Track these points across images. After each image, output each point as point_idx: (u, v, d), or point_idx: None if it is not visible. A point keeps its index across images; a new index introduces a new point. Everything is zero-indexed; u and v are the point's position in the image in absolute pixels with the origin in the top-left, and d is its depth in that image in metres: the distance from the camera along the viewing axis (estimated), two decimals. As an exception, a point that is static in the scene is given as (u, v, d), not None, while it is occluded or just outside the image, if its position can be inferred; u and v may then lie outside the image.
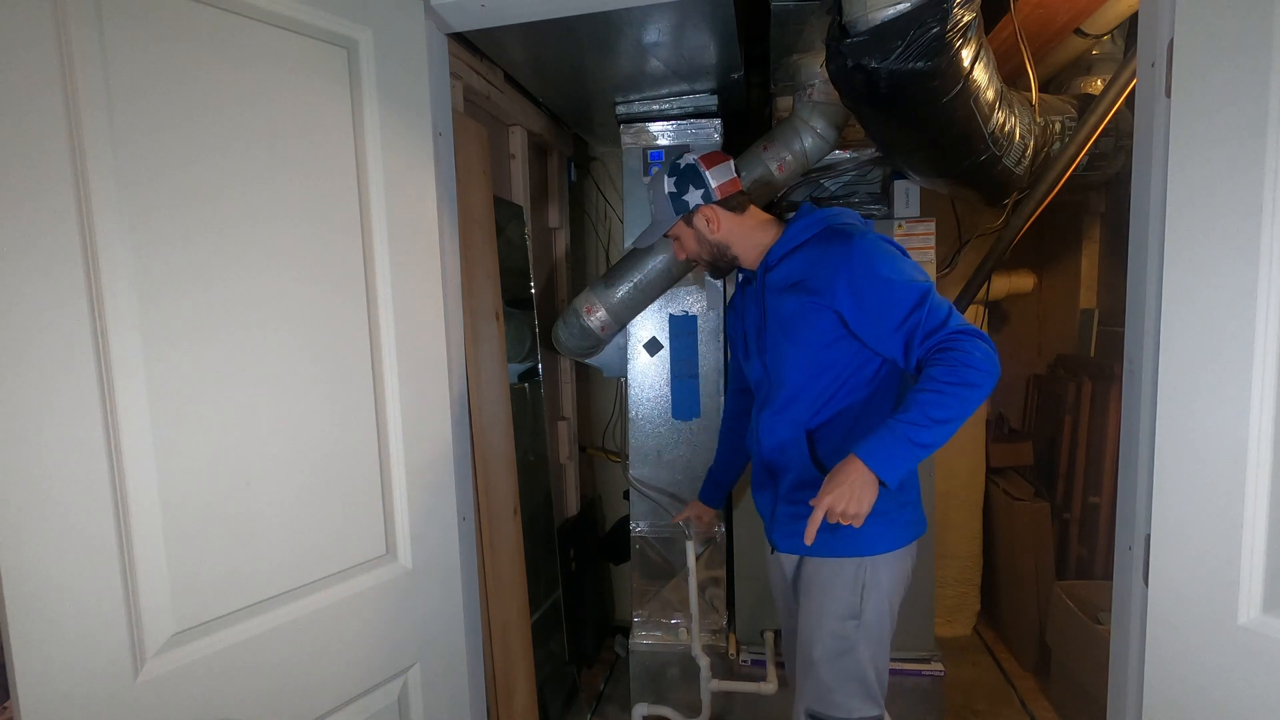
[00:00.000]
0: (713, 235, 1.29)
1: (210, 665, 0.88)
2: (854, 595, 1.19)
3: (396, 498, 1.10)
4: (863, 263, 1.12)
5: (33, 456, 0.73)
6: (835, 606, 1.20)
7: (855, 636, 1.19)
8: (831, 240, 1.17)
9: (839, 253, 1.14)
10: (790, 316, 1.21)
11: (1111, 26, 1.76)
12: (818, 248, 1.19)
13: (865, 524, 1.09)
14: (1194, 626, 0.86)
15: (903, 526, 1.22)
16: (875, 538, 1.18)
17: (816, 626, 1.22)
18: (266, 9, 0.92)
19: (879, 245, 1.14)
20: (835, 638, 1.20)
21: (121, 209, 0.79)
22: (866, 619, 1.19)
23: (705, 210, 1.28)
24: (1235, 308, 0.80)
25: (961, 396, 1.02)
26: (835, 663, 1.20)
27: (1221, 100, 0.80)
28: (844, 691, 1.20)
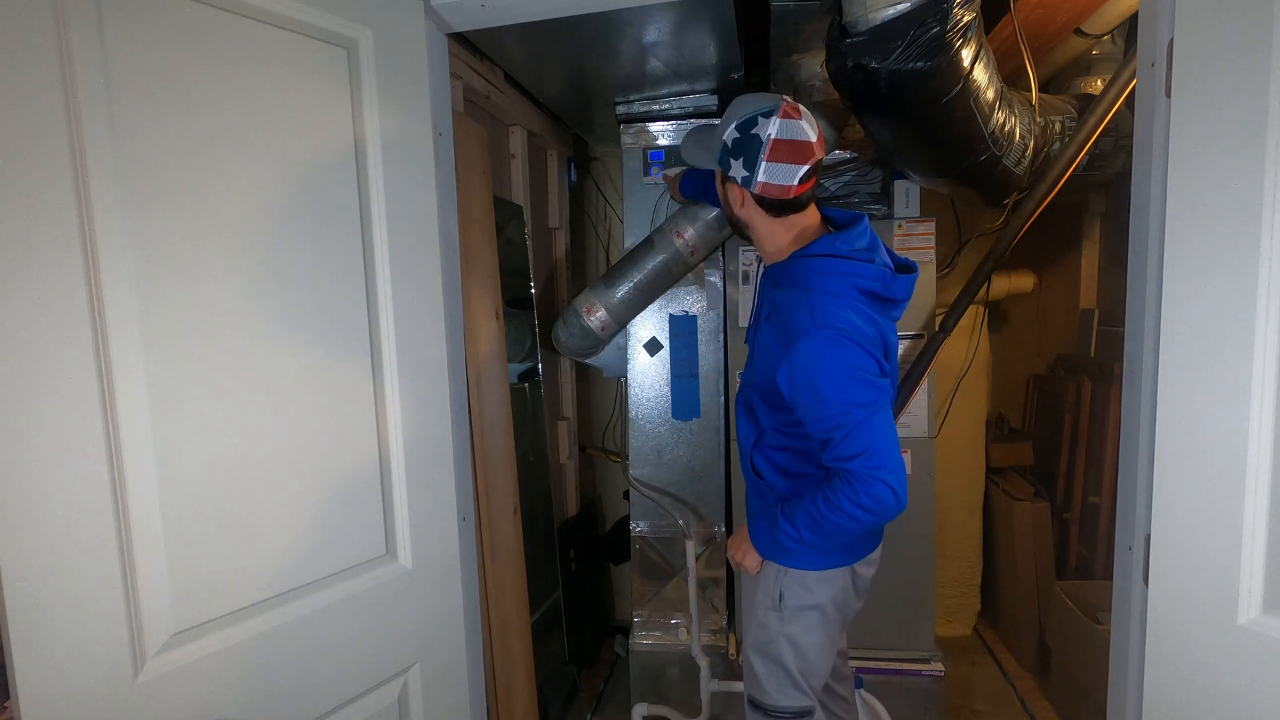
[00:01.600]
0: (737, 211, 1.22)
1: (210, 665, 0.88)
2: (775, 588, 1.27)
3: (396, 498, 1.10)
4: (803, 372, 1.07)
5: (32, 455, 0.73)
6: (761, 596, 1.30)
7: (776, 628, 1.27)
8: (798, 304, 1.10)
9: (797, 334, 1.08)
10: (763, 342, 1.22)
11: (1111, 26, 1.75)
12: (794, 302, 1.12)
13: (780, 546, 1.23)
14: (1194, 627, 0.86)
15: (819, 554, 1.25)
16: (788, 555, 1.25)
17: (748, 616, 1.33)
18: (266, 9, 0.92)
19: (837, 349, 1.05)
20: (760, 626, 1.30)
21: (121, 207, 0.79)
22: (786, 613, 1.26)
23: (735, 189, 1.19)
24: (1235, 307, 0.80)
25: (836, 527, 1.10)
26: (762, 650, 1.30)
27: (1221, 100, 0.80)
28: (770, 680, 1.29)
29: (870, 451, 1.04)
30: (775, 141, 1.11)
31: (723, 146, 1.17)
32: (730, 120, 1.15)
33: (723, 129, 1.17)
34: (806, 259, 1.15)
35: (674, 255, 1.78)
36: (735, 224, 1.27)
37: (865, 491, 1.04)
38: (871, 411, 1.05)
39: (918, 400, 1.96)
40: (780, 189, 1.13)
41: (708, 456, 2.08)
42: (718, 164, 1.20)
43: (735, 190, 1.20)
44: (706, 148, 1.24)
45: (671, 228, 1.78)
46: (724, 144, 1.17)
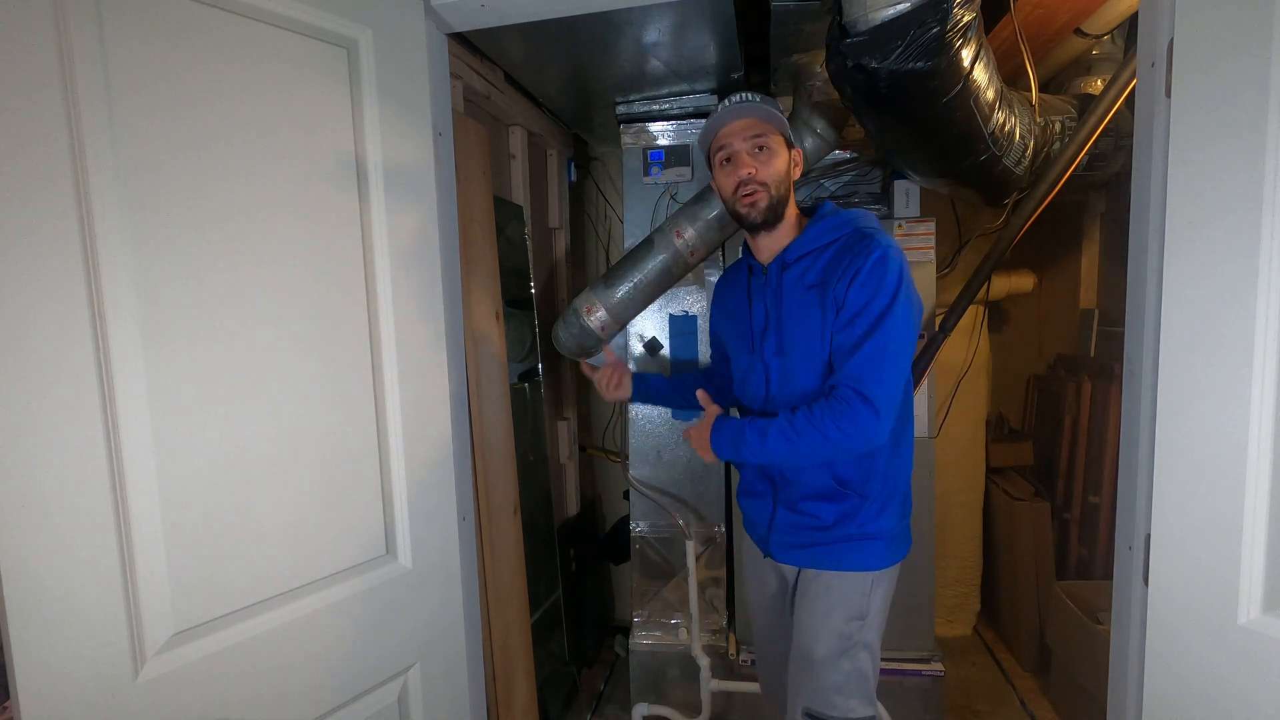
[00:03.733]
0: (790, 179, 1.22)
1: (210, 665, 0.88)
2: (863, 598, 1.21)
3: (396, 497, 1.10)
4: (874, 273, 1.09)
5: (32, 455, 0.73)
6: (843, 608, 1.21)
7: (859, 636, 1.20)
8: (858, 241, 1.14)
9: (863, 254, 1.11)
10: (810, 319, 1.17)
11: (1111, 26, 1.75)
12: (844, 249, 1.15)
13: (877, 544, 1.21)
14: (1194, 627, 0.86)
15: (899, 545, 1.25)
16: (881, 555, 1.21)
17: (821, 626, 1.21)
18: (266, 9, 0.92)
19: (899, 270, 1.10)
20: (840, 637, 1.20)
21: (121, 206, 0.79)
22: (870, 618, 1.21)
23: (798, 154, 1.23)
24: (1235, 307, 0.80)
25: (807, 444, 1.09)
26: (838, 662, 1.20)
27: (1221, 100, 0.80)
28: (845, 691, 1.20)
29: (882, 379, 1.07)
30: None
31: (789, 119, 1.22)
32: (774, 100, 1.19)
33: (776, 104, 1.19)
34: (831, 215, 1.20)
35: (674, 255, 1.78)
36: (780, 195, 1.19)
37: (855, 413, 1.06)
38: (904, 342, 1.09)
39: (918, 400, 1.96)
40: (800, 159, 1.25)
41: (708, 456, 2.08)
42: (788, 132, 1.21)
43: (798, 155, 1.24)
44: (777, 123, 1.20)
45: (671, 228, 1.77)
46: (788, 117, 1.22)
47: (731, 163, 1.19)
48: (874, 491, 1.20)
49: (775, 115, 1.18)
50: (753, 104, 1.16)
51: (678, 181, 2.06)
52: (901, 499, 1.24)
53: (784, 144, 1.20)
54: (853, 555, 1.21)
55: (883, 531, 1.21)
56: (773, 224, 1.20)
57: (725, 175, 1.20)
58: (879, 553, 1.21)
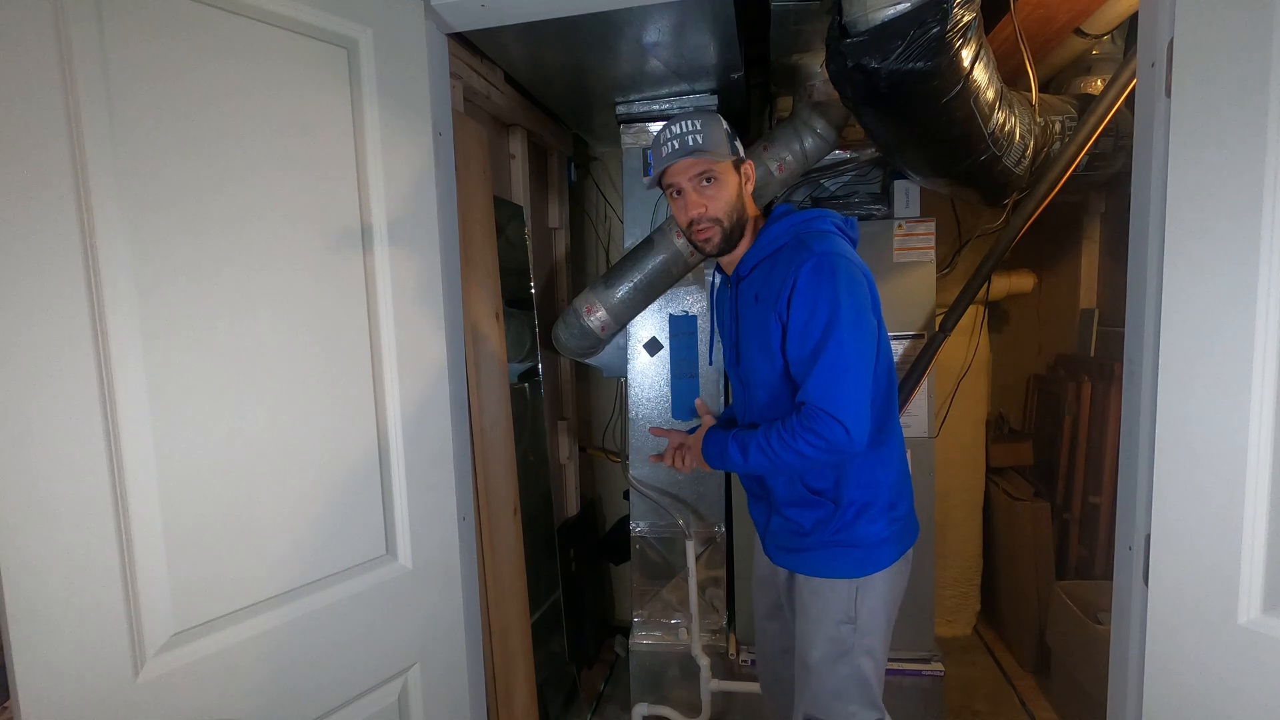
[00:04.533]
0: (745, 195, 1.21)
1: (210, 665, 0.88)
2: (849, 603, 1.20)
3: (396, 497, 1.10)
4: (808, 286, 1.08)
5: (33, 455, 0.73)
6: (831, 613, 1.21)
7: (851, 640, 1.20)
8: (795, 253, 1.13)
9: (795, 269, 1.10)
10: (757, 330, 1.18)
11: (1111, 27, 1.75)
12: (784, 258, 1.15)
13: (854, 552, 1.20)
14: (1194, 626, 0.86)
15: (891, 547, 1.22)
16: (865, 562, 1.20)
17: (814, 631, 1.22)
18: (267, 9, 0.92)
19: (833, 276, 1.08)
20: (833, 641, 1.21)
21: (121, 205, 0.79)
22: (861, 623, 1.20)
23: (749, 166, 1.21)
24: (1235, 307, 0.80)
25: (783, 461, 1.11)
26: (834, 666, 1.21)
27: (1221, 100, 0.80)
28: (844, 696, 1.20)
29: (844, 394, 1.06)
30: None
31: (728, 135, 1.18)
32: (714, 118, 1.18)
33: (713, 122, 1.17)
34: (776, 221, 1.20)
35: (674, 255, 1.78)
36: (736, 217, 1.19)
37: (822, 433, 1.06)
38: (858, 347, 1.08)
39: (918, 400, 1.96)
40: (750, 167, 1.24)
41: (708, 456, 2.08)
42: (732, 152, 1.17)
43: (749, 168, 1.21)
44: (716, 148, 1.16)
45: (671, 228, 1.78)
46: (726, 132, 1.18)
47: (681, 197, 1.19)
48: (848, 498, 1.19)
49: (719, 142, 1.15)
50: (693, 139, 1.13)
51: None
52: (886, 504, 1.21)
53: (731, 168, 1.18)
54: (831, 562, 1.21)
55: (860, 539, 1.19)
56: (731, 248, 1.22)
57: (677, 209, 1.21)
58: (857, 560, 1.20)
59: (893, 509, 1.22)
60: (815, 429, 1.06)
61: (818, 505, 1.21)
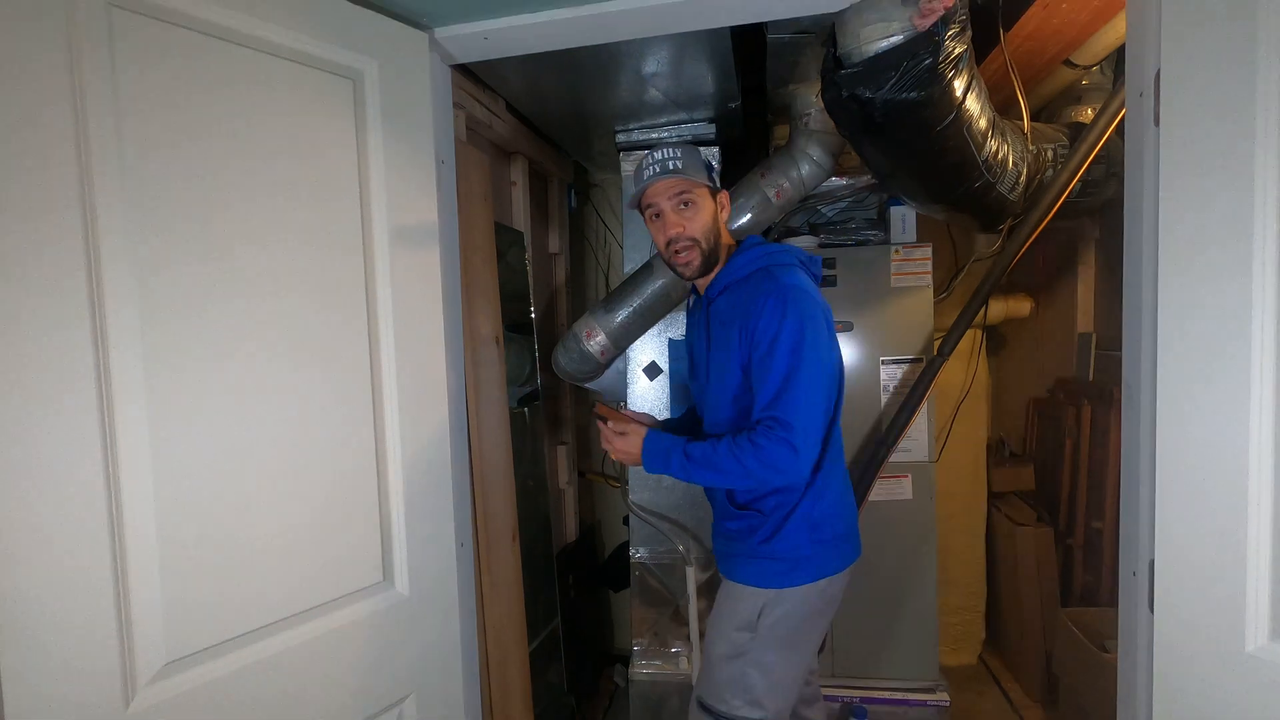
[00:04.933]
0: (720, 224, 1.28)
1: (202, 696, 0.87)
2: (752, 613, 1.25)
3: (394, 524, 1.10)
4: (772, 317, 1.14)
5: (29, 480, 0.73)
6: (734, 617, 1.27)
7: (748, 646, 1.25)
8: (762, 281, 1.20)
9: (763, 295, 1.16)
10: (723, 349, 1.24)
11: (1100, 58, 1.79)
12: (751, 286, 1.21)
13: (769, 565, 1.24)
14: (1201, 654, 0.85)
15: (813, 565, 1.25)
16: (776, 574, 1.24)
17: (715, 627, 1.31)
18: (275, 41, 0.94)
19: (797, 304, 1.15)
20: (729, 643, 1.27)
21: (127, 231, 0.80)
22: (760, 634, 1.24)
23: (724, 197, 1.30)
24: (1230, 329, 0.81)
25: (732, 472, 1.14)
26: (727, 664, 1.27)
27: (1209, 128, 0.81)
28: (729, 690, 1.27)
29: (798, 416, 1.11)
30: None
31: (706, 165, 1.26)
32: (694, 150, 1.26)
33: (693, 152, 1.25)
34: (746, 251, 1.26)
35: (673, 280, 1.79)
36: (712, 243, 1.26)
37: (779, 451, 1.10)
38: (814, 376, 1.14)
39: (918, 425, 1.96)
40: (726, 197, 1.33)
41: (708, 481, 2.06)
42: (709, 180, 1.25)
43: (724, 198, 1.30)
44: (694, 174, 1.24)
45: (670, 253, 1.79)
46: (705, 162, 1.26)
47: (660, 219, 1.25)
48: (769, 511, 1.24)
49: (696, 169, 1.23)
50: (674, 163, 1.21)
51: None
52: (810, 522, 1.23)
53: (708, 194, 1.25)
54: (744, 569, 1.27)
55: (779, 552, 1.23)
56: (709, 271, 1.28)
57: (656, 230, 1.28)
58: (772, 573, 1.24)
59: (817, 529, 1.24)
60: (767, 447, 1.10)
61: (741, 516, 1.27)
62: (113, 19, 0.79)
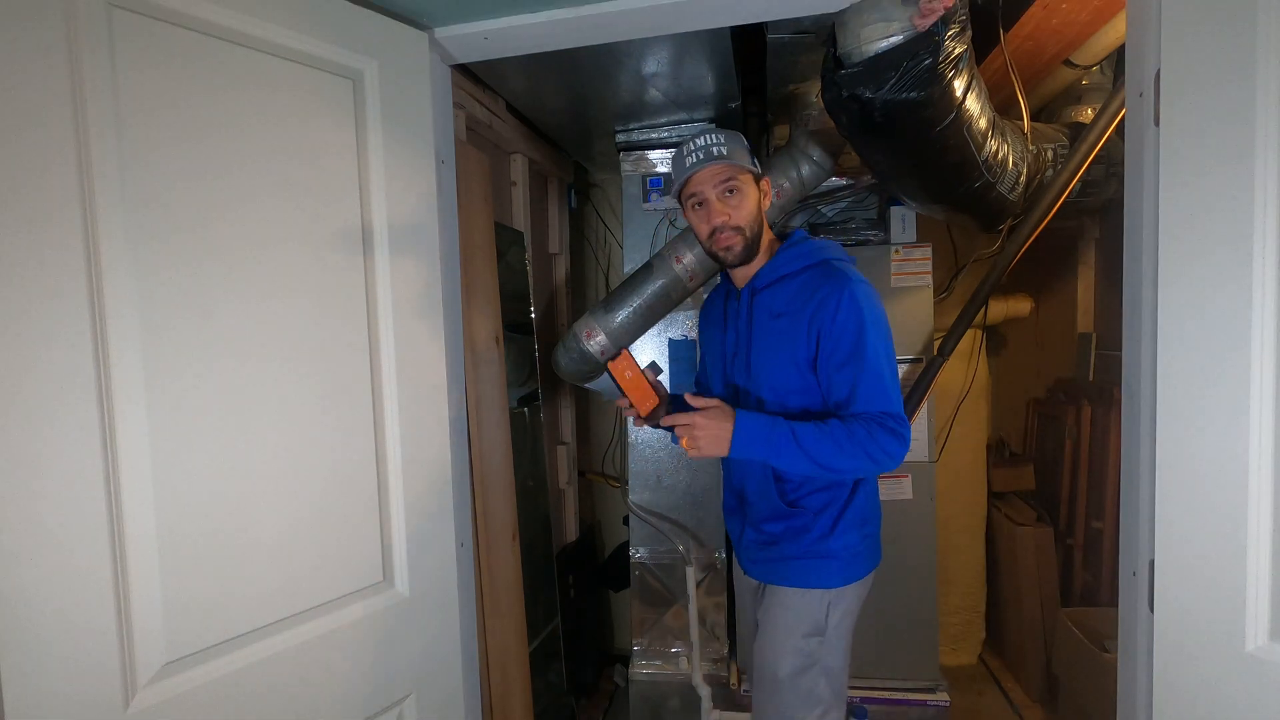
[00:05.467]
0: (762, 211, 1.24)
1: (202, 696, 0.87)
2: (819, 616, 1.22)
3: (394, 524, 1.10)
4: (853, 311, 1.12)
5: (30, 482, 0.73)
6: (800, 625, 1.22)
7: (819, 652, 1.22)
8: (830, 275, 1.17)
9: (837, 289, 1.14)
10: (783, 343, 1.20)
11: (1100, 58, 1.79)
12: (813, 280, 1.18)
13: (831, 563, 1.21)
14: (1202, 654, 0.85)
15: (864, 560, 1.25)
16: (837, 572, 1.22)
17: (781, 644, 1.23)
18: (276, 42, 0.94)
19: (872, 300, 1.16)
20: (800, 653, 1.22)
21: (127, 233, 0.80)
22: (829, 637, 1.22)
23: (767, 184, 1.26)
24: (1231, 329, 0.81)
25: (849, 463, 1.09)
26: (798, 679, 1.22)
27: (1209, 127, 0.81)
28: (802, 707, 1.22)
29: (899, 409, 1.12)
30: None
31: (749, 150, 1.20)
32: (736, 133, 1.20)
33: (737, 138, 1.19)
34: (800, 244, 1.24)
35: (673, 280, 1.79)
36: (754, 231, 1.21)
37: (897, 442, 1.08)
38: (894, 366, 1.14)
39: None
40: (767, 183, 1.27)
41: (708, 481, 2.07)
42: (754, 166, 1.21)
43: (766, 185, 1.25)
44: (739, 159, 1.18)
45: (671, 253, 1.79)
46: (748, 148, 1.21)
47: (704, 208, 1.20)
48: (824, 509, 1.22)
49: (741, 155, 1.18)
50: (718, 149, 1.16)
51: (676, 207, 2.08)
52: (860, 519, 1.24)
53: (752, 180, 1.21)
54: (803, 572, 1.23)
55: (836, 550, 1.22)
56: (750, 259, 1.24)
57: (699, 219, 1.22)
58: (834, 571, 1.22)
59: (866, 524, 1.25)
60: (882, 437, 1.08)
61: (793, 516, 1.23)
62: (113, 19, 0.79)
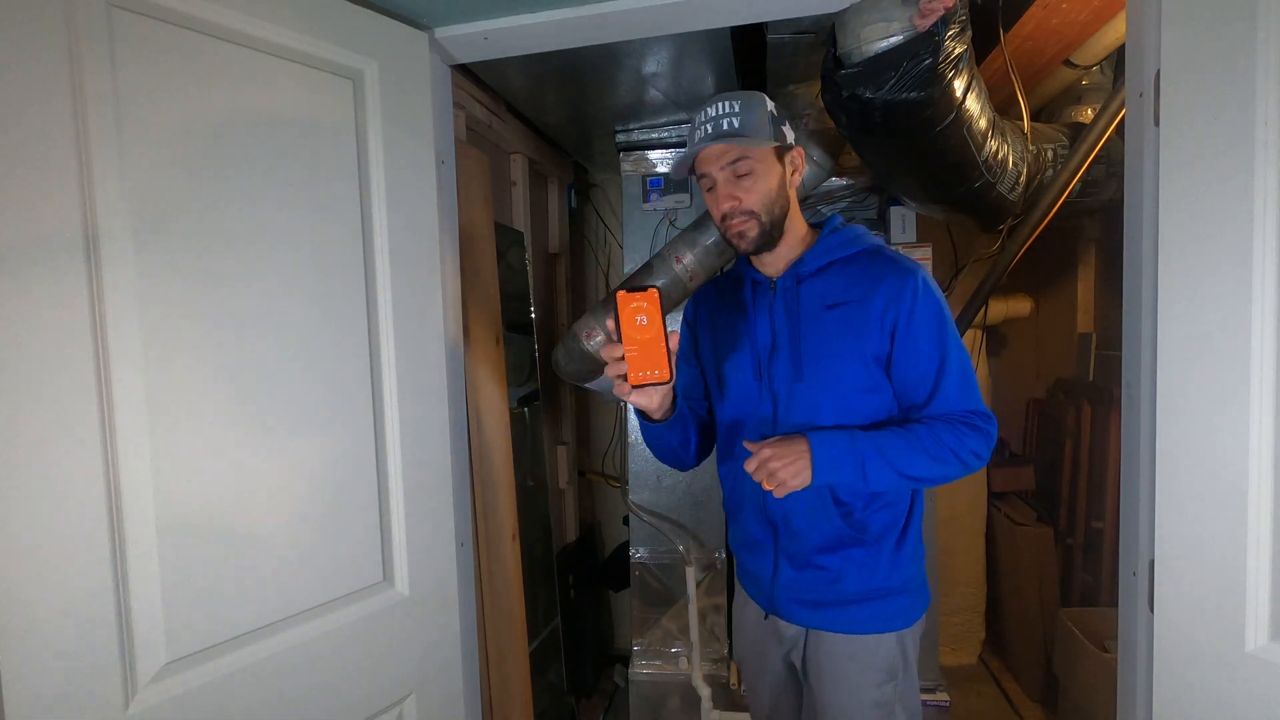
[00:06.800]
0: (790, 189, 1.08)
1: (202, 696, 0.87)
2: (896, 660, 1.09)
3: (394, 523, 1.10)
4: (930, 303, 1.03)
5: (29, 481, 0.73)
6: (875, 675, 1.08)
7: (894, 699, 1.09)
8: (895, 262, 1.05)
9: (908, 278, 1.03)
10: (834, 341, 1.05)
11: (1100, 58, 1.79)
12: (875, 267, 1.06)
13: (901, 599, 1.09)
14: (1202, 655, 0.85)
15: (926, 590, 1.16)
16: (906, 610, 1.11)
17: (855, 698, 1.08)
18: (276, 42, 0.94)
19: (939, 291, 1.07)
20: (878, 706, 1.08)
21: (126, 233, 0.80)
22: (907, 677, 1.11)
23: (798, 154, 1.07)
24: (1230, 330, 0.81)
25: (942, 470, 1.01)
26: None
27: (1209, 128, 0.81)
28: None
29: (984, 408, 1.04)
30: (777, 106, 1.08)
31: (771, 117, 1.03)
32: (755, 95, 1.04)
33: (755, 102, 1.03)
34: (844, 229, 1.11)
35: (673, 280, 1.79)
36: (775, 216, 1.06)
37: (985, 443, 1.01)
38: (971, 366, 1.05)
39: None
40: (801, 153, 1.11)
41: (708, 481, 2.07)
42: (774, 137, 1.03)
43: (797, 156, 1.08)
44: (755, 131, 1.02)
45: (670, 253, 1.79)
46: (770, 113, 1.04)
47: (713, 191, 1.06)
48: (891, 535, 1.08)
49: (759, 124, 1.01)
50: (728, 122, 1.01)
51: (676, 208, 2.09)
52: (918, 536, 1.13)
53: (772, 155, 1.04)
54: (878, 616, 1.08)
55: (907, 583, 1.10)
56: (771, 246, 1.08)
57: (711, 202, 1.08)
58: (906, 607, 1.10)
59: (919, 546, 1.14)
60: (980, 439, 1.01)
61: (855, 544, 1.07)
62: (113, 19, 0.79)
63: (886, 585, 1.08)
